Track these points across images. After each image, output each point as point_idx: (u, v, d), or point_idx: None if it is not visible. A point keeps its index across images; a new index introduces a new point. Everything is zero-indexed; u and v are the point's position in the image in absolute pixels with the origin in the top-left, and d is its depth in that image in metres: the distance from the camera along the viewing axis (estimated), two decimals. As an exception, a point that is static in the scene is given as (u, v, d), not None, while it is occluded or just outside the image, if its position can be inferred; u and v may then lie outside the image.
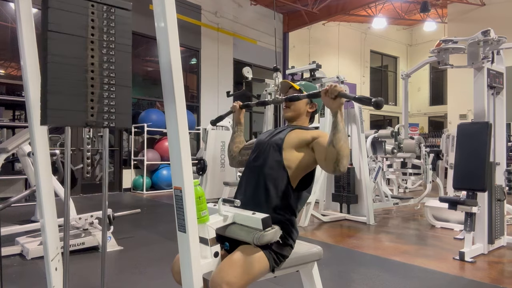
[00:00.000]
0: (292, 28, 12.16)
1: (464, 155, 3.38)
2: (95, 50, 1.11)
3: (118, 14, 1.15)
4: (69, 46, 1.07)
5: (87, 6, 1.10)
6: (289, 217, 1.54)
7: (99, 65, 1.11)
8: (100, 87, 1.12)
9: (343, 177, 5.10)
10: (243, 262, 1.35)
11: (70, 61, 1.07)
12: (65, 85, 1.07)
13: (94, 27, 1.11)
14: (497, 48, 3.58)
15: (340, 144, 1.41)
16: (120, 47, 1.15)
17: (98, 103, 1.11)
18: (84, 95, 1.09)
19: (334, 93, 1.41)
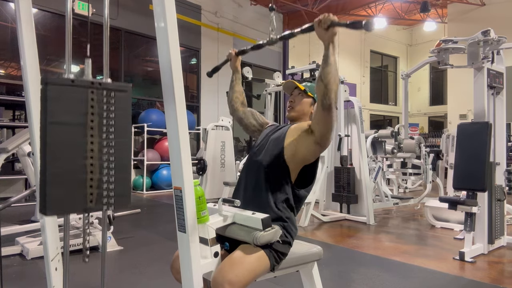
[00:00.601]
0: (292, 28, 12.09)
1: (464, 155, 3.38)
2: (94, 136, 1.11)
3: (117, 97, 1.14)
4: (69, 136, 1.07)
5: (86, 94, 1.10)
6: (289, 215, 1.54)
7: (99, 150, 1.11)
8: (99, 172, 1.12)
9: (343, 177, 5.10)
10: (244, 261, 1.35)
11: (69, 150, 1.07)
12: (64, 174, 1.07)
13: (93, 113, 1.11)
14: (497, 48, 3.58)
15: (329, 78, 1.40)
16: (119, 129, 1.15)
17: (98, 188, 1.12)
18: (83, 181, 1.10)
19: (327, 23, 1.39)
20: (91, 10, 1.60)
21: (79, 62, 7.85)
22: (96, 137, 1.10)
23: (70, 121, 1.06)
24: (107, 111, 1.12)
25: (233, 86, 1.96)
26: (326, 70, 1.41)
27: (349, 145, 5.33)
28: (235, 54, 1.93)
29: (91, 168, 1.10)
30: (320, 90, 1.43)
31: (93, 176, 1.10)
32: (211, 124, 7.02)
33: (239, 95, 1.95)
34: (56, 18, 7.43)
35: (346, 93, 5.21)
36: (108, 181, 1.12)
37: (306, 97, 1.75)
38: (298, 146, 1.57)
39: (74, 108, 1.07)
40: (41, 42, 6.50)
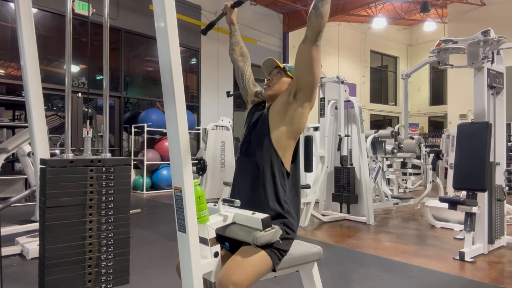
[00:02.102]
0: (292, 28, 12.16)
1: (464, 155, 3.38)
2: (93, 214, 1.11)
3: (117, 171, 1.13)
4: (67, 217, 1.07)
5: (86, 172, 1.09)
6: (288, 209, 1.52)
7: (97, 228, 1.11)
8: (98, 251, 1.11)
9: (343, 177, 5.10)
10: (248, 262, 1.36)
11: (68, 232, 1.07)
12: (62, 258, 1.07)
13: (92, 192, 1.10)
14: (497, 48, 3.58)
15: (327, 14, 1.42)
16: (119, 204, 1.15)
17: (96, 267, 1.11)
18: (81, 263, 1.09)
19: None
20: (91, 10, 1.60)
21: (79, 62, 7.85)
22: (95, 215, 1.09)
23: (69, 203, 1.05)
24: (106, 187, 1.10)
25: (230, 38, 1.96)
26: (325, 7, 1.41)
27: (349, 145, 5.33)
28: (230, 7, 1.92)
29: (90, 248, 1.09)
30: (317, 25, 1.42)
31: (91, 255, 1.09)
32: (211, 124, 7.02)
33: (235, 47, 1.94)
34: (56, 18, 7.43)
35: (346, 93, 5.21)
36: (107, 258, 1.11)
37: (285, 76, 1.68)
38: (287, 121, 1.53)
39: (73, 188, 1.06)
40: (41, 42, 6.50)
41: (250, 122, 1.71)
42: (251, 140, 1.62)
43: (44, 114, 2.25)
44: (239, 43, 1.94)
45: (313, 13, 1.43)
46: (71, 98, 1.16)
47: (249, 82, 1.89)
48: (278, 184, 1.53)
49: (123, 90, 8.49)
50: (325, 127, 5.09)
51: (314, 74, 1.49)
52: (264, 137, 1.56)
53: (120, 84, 8.41)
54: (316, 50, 1.46)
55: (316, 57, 1.47)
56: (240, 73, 1.90)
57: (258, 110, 1.74)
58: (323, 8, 1.41)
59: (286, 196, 1.54)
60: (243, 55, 1.93)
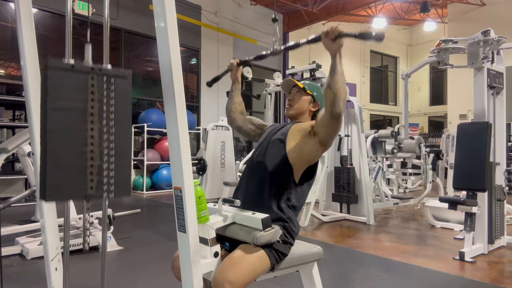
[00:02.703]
0: (292, 28, 12.16)
1: (464, 155, 3.38)
2: (94, 122, 1.10)
3: (117, 83, 1.14)
4: (69, 121, 1.07)
5: (87, 79, 1.09)
6: (290, 216, 1.54)
7: (99, 137, 1.11)
8: (99, 159, 1.11)
9: (343, 177, 5.10)
10: (244, 261, 1.35)
11: (70, 136, 1.07)
12: (64, 160, 1.07)
13: (93, 100, 1.10)
14: (497, 48, 3.58)
15: (338, 86, 1.42)
16: (119, 116, 1.14)
17: (98, 175, 1.11)
18: (83, 168, 1.09)
19: (334, 34, 1.40)
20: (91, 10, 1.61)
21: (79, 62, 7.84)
22: (96, 124, 1.10)
23: (70, 107, 1.06)
24: (107, 98, 1.11)
25: (232, 96, 1.94)
26: (334, 79, 1.42)
27: (349, 145, 5.34)
28: (237, 64, 1.90)
29: (91, 155, 1.09)
30: (329, 98, 1.43)
31: (93, 162, 1.09)
32: (211, 124, 7.02)
33: (238, 106, 1.93)
34: (56, 18, 7.43)
35: (346, 93, 5.20)
36: (108, 168, 1.12)
37: (305, 95, 1.75)
38: (302, 148, 1.57)
39: (74, 93, 1.06)
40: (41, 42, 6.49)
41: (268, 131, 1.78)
42: (267, 147, 1.66)
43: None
44: (241, 103, 1.95)
45: (324, 87, 1.47)
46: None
47: (260, 121, 1.94)
48: (284, 190, 1.55)
49: (123, 90, 8.48)
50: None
51: (329, 134, 1.54)
52: (280, 146, 1.61)
53: (120, 84, 8.40)
54: (333, 122, 1.48)
55: (332, 125, 1.50)
56: (248, 122, 1.92)
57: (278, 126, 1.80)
58: (331, 80, 1.43)
59: (290, 204, 1.56)
60: (243, 113, 1.94)
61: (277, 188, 1.55)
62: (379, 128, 7.22)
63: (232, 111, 1.92)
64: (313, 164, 1.61)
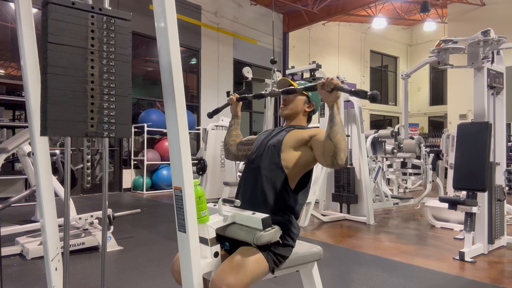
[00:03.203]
0: (292, 28, 12.16)
1: (464, 155, 3.38)
2: (95, 60, 1.10)
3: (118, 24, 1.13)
4: (69, 57, 1.06)
5: (87, 17, 1.09)
6: (288, 218, 1.54)
7: (99, 76, 1.11)
8: (100, 98, 1.11)
9: (343, 177, 5.10)
10: (243, 264, 1.35)
11: (70, 72, 1.06)
12: (65, 96, 1.06)
13: (94, 38, 1.10)
14: (497, 48, 3.58)
15: (337, 138, 1.41)
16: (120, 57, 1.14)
17: (98, 113, 1.11)
18: (84, 105, 1.09)
19: (330, 86, 1.41)
20: (91, 10, 1.60)
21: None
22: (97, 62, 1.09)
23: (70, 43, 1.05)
24: (107, 37, 1.11)
25: (230, 130, 1.95)
26: (334, 130, 1.41)
27: (349, 145, 5.33)
28: (236, 100, 1.92)
29: (92, 93, 1.09)
30: (330, 149, 1.42)
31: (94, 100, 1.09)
32: (211, 124, 7.02)
33: (235, 139, 1.93)
34: (56, 18, 7.42)
35: (346, 93, 5.20)
36: (108, 107, 1.11)
37: (300, 95, 1.75)
38: (298, 157, 1.58)
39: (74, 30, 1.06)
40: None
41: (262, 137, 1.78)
42: (263, 152, 1.66)
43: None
44: (239, 136, 1.95)
45: (324, 137, 1.46)
46: None
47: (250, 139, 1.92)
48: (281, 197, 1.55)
49: (123, 90, 8.49)
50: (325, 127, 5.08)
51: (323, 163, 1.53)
52: (275, 153, 1.61)
53: (120, 84, 8.41)
54: (332, 167, 1.49)
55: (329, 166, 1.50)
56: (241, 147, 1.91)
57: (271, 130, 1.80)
58: (331, 130, 1.42)
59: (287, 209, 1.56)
60: (239, 149, 1.93)
61: (272, 192, 1.55)
62: (379, 128, 7.22)
63: (229, 144, 1.93)
64: (308, 170, 1.62)
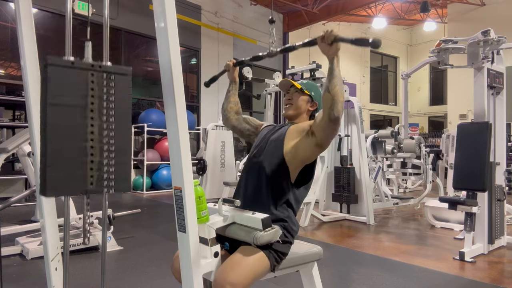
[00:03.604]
0: (292, 28, 12.16)
1: (464, 155, 3.37)
2: (94, 118, 1.10)
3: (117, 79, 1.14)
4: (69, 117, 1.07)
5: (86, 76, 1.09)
6: (289, 214, 1.55)
7: (99, 133, 1.11)
8: (99, 155, 1.11)
9: (343, 177, 5.10)
10: (245, 263, 1.36)
11: (70, 131, 1.07)
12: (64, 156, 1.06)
13: (93, 96, 1.10)
14: (497, 48, 3.58)
15: (336, 90, 1.42)
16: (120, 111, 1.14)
17: (98, 170, 1.11)
18: (83, 163, 1.09)
19: (330, 39, 1.39)
20: (91, 10, 1.60)
21: (79, 62, 7.84)
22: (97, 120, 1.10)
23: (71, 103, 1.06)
24: (107, 94, 1.11)
25: (228, 96, 1.94)
26: (332, 83, 1.42)
27: (349, 145, 5.34)
28: (233, 65, 1.91)
29: (92, 151, 1.09)
30: (328, 101, 1.43)
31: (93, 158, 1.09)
32: (211, 124, 7.02)
33: (233, 105, 1.93)
34: (56, 18, 7.42)
35: (346, 93, 5.20)
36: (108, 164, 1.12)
37: (303, 95, 1.76)
38: (299, 148, 1.58)
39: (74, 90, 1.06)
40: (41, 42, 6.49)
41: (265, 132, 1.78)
42: (265, 147, 1.67)
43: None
44: (237, 102, 1.95)
45: (323, 91, 1.47)
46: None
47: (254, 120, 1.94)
48: (282, 192, 1.56)
49: (123, 90, 8.48)
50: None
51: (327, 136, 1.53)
52: (277, 147, 1.62)
53: (120, 84, 8.40)
54: (331, 125, 1.48)
55: (331, 128, 1.49)
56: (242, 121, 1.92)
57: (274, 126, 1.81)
58: (330, 83, 1.42)
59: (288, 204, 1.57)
60: (238, 112, 1.94)
61: (274, 189, 1.56)
62: (379, 128, 7.22)
63: (228, 111, 1.93)
64: (309, 164, 1.61)
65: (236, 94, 1.95)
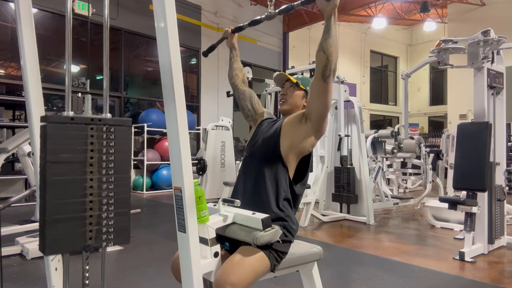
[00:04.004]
0: (292, 28, 12.16)
1: (464, 155, 3.37)
2: (94, 172, 1.10)
3: (117, 131, 1.13)
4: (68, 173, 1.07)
5: (86, 130, 1.09)
6: (289, 213, 1.55)
7: (98, 187, 1.11)
8: (98, 209, 1.11)
9: (343, 177, 5.10)
10: (245, 263, 1.36)
11: (69, 188, 1.07)
12: (63, 212, 1.07)
13: (93, 150, 1.10)
14: (497, 48, 3.57)
15: (331, 50, 1.41)
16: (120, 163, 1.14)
17: (97, 225, 1.11)
18: (82, 219, 1.09)
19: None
20: (91, 10, 1.60)
21: (79, 62, 7.85)
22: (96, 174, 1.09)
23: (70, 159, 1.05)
24: (107, 147, 1.11)
25: (231, 64, 1.94)
26: (328, 42, 1.41)
27: (349, 145, 5.33)
28: (231, 32, 1.91)
29: (91, 205, 1.09)
30: (322, 61, 1.42)
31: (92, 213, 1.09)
32: (211, 124, 7.02)
33: (238, 72, 1.93)
34: (56, 18, 7.42)
35: (346, 93, 5.21)
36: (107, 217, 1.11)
37: (298, 90, 1.73)
38: (294, 137, 1.57)
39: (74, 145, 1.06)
40: (41, 42, 6.50)
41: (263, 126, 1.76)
42: (261, 144, 1.66)
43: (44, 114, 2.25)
44: (241, 69, 1.95)
45: (317, 49, 1.45)
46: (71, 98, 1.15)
47: (258, 103, 1.92)
48: (281, 189, 1.55)
49: (123, 90, 8.49)
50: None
51: (321, 106, 1.52)
52: (273, 142, 1.61)
53: (120, 84, 8.41)
54: (324, 85, 1.47)
55: (323, 91, 1.49)
56: (247, 97, 1.90)
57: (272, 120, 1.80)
58: (325, 43, 1.42)
59: (288, 201, 1.56)
60: (245, 81, 1.94)
61: (273, 185, 1.55)
62: (379, 128, 7.22)
63: (234, 78, 1.93)
64: (306, 158, 1.60)
65: (238, 61, 1.95)
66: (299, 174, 1.61)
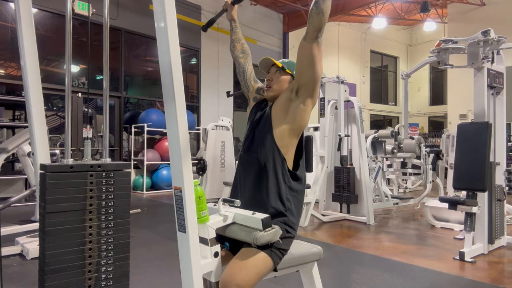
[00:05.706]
0: (292, 28, 12.16)
1: (464, 155, 3.38)
2: (93, 220, 1.10)
3: (117, 176, 1.13)
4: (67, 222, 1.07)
5: (86, 178, 1.09)
6: (289, 206, 1.52)
7: (97, 234, 1.11)
8: (98, 256, 1.11)
9: (343, 177, 5.10)
10: (250, 264, 1.36)
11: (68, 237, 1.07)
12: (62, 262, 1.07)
13: (92, 197, 1.10)
14: (497, 48, 3.58)
15: (328, 12, 1.41)
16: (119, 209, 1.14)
17: (96, 272, 1.11)
18: (81, 267, 1.09)
19: None
20: (91, 10, 1.60)
21: (79, 62, 7.85)
22: (95, 220, 1.09)
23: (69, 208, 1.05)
24: (106, 193, 1.10)
25: (231, 36, 1.94)
26: (326, 4, 1.40)
27: (349, 145, 5.33)
28: (231, 3, 1.90)
29: (90, 253, 1.08)
30: (319, 23, 1.41)
31: (92, 260, 1.09)
32: (211, 124, 7.02)
33: (236, 43, 1.92)
34: (56, 18, 7.42)
35: (346, 93, 5.21)
36: (107, 263, 1.11)
37: (284, 75, 1.68)
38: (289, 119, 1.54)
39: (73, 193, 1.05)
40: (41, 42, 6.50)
41: (253, 120, 1.71)
42: (254, 138, 1.63)
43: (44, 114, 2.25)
44: (240, 40, 1.92)
45: (314, 10, 1.41)
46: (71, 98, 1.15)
47: (250, 78, 1.86)
48: (281, 181, 1.53)
49: (123, 90, 8.49)
50: (325, 127, 5.09)
51: (315, 70, 1.48)
52: (266, 135, 1.57)
53: (120, 84, 8.41)
54: (317, 47, 1.46)
55: (317, 54, 1.47)
56: (241, 70, 1.87)
57: (260, 108, 1.74)
58: (324, 4, 1.40)
59: (289, 194, 1.53)
60: (244, 52, 1.91)
61: (272, 180, 1.52)
62: (379, 128, 7.22)
63: (232, 50, 1.92)
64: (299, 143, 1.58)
65: (237, 32, 1.93)
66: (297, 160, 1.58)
